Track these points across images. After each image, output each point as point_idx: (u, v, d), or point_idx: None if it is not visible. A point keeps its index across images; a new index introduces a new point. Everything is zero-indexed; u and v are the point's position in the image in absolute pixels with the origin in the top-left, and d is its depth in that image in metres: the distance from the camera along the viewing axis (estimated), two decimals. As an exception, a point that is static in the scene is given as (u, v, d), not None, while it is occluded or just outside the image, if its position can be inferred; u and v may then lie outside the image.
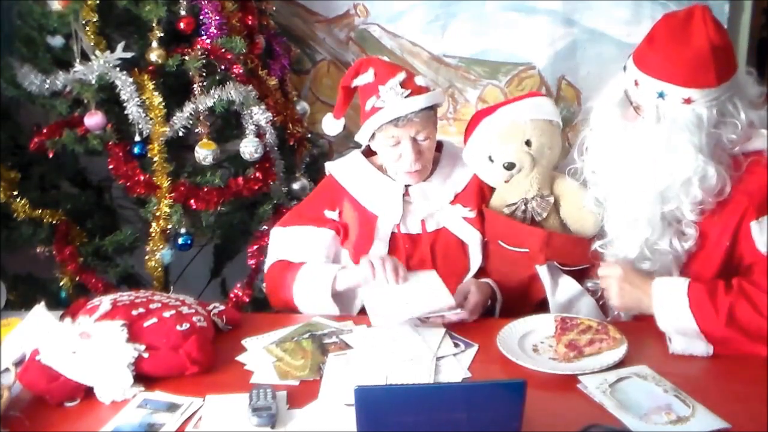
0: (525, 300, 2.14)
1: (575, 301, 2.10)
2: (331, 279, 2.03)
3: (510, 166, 2.14)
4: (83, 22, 2.43)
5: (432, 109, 2.12)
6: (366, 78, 2.11)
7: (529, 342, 1.89)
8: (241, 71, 2.53)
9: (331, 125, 2.26)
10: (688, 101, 1.83)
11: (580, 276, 2.13)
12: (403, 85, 2.07)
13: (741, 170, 1.88)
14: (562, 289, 2.10)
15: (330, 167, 2.28)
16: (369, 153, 2.26)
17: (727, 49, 1.84)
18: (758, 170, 1.88)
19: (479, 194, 2.20)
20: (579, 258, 2.10)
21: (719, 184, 1.86)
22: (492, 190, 2.21)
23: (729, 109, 1.85)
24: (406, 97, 2.06)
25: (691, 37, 1.81)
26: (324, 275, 2.05)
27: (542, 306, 2.12)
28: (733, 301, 1.82)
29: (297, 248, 2.17)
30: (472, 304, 1.99)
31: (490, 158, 2.16)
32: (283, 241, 2.21)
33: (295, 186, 2.78)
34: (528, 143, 2.14)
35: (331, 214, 2.20)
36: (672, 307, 1.86)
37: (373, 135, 2.13)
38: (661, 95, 1.84)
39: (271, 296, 2.21)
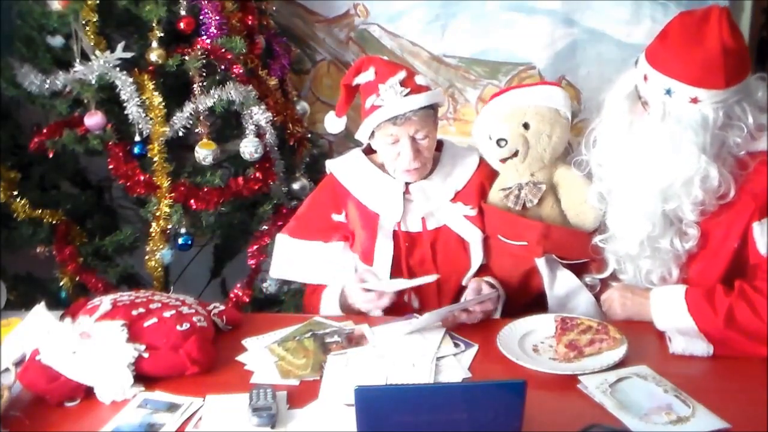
0: (525, 293, 2.15)
1: (573, 295, 2.10)
2: (336, 302, 2.09)
3: (501, 142, 2.14)
4: (83, 22, 2.43)
5: (432, 108, 2.12)
6: (367, 76, 2.11)
7: (529, 342, 1.89)
8: (241, 71, 2.53)
9: (334, 123, 2.26)
10: (694, 101, 1.82)
11: (580, 271, 2.13)
12: (402, 83, 2.07)
13: (748, 169, 1.87)
14: (560, 283, 2.11)
15: (330, 166, 2.27)
16: (369, 151, 2.26)
17: (739, 53, 1.82)
18: (764, 170, 1.87)
19: (480, 192, 2.20)
20: (578, 252, 2.10)
21: (722, 187, 1.85)
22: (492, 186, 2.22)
23: (737, 113, 1.84)
24: (405, 95, 2.06)
25: (704, 38, 1.79)
26: (333, 299, 2.11)
27: (540, 299, 2.12)
28: (733, 302, 1.82)
29: (311, 267, 2.19)
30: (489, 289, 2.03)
31: (489, 137, 2.17)
32: (295, 257, 2.22)
33: (295, 186, 2.77)
34: (526, 126, 2.14)
35: (339, 217, 2.20)
36: (671, 311, 1.87)
37: (372, 133, 2.14)
38: (668, 92, 1.84)
39: None
